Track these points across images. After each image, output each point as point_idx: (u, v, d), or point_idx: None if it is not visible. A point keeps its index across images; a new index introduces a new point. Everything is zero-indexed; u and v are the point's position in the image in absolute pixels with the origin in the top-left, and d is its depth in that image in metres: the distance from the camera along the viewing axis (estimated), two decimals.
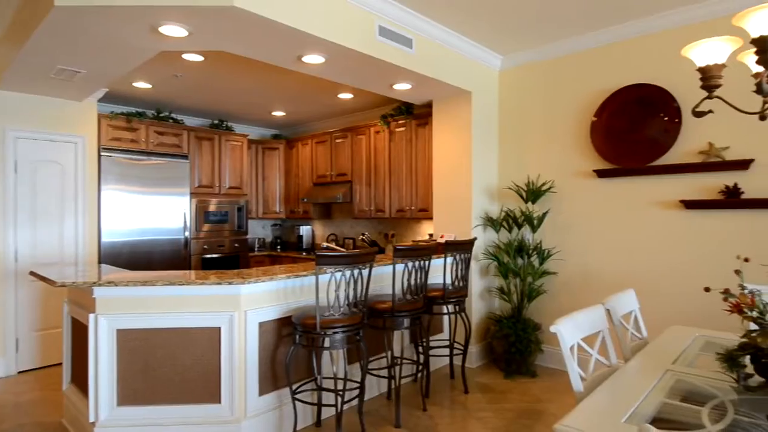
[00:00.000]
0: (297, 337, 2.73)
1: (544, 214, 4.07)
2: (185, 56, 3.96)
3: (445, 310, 3.60)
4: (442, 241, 4.00)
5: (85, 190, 4.59)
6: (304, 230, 6.54)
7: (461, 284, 3.58)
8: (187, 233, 5.42)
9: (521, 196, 4.11)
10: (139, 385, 2.64)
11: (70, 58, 3.22)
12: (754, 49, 1.47)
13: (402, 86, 3.99)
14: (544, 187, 4.10)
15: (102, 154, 4.78)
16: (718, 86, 1.66)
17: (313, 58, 3.23)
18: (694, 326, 2.92)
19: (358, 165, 5.60)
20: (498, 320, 4.05)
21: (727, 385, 1.64)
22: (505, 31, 3.77)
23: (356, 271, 2.70)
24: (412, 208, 4.99)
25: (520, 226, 4.12)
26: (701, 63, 1.67)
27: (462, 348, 3.73)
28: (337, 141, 5.88)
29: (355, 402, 3.22)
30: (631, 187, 3.68)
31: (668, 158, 3.47)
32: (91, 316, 2.59)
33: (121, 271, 3.03)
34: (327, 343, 2.64)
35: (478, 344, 4.23)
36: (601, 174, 3.78)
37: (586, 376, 1.83)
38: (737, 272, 1.68)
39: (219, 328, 2.69)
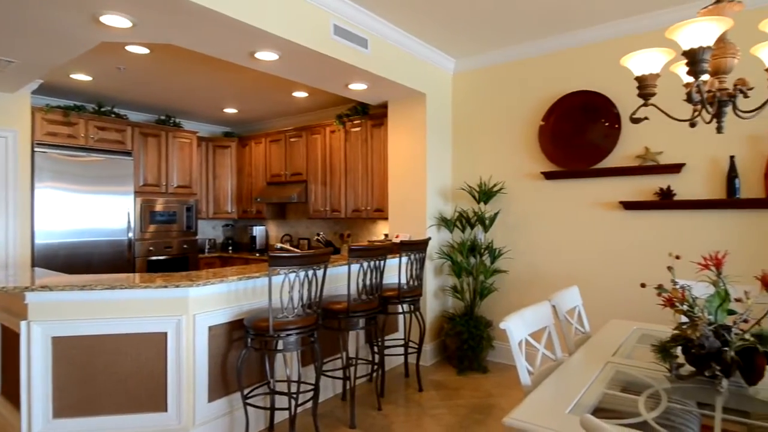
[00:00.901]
0: (249, 340, 2.66)
1: (496, 215, 4.19)
2: (129, 48, 3.77)
3: (400, 310, 3.63)
4: (398, 241, 4.03)
5: (16, 188, 4.27)
6: (258, 231, 6.39)
7: (416, 284, 3.62)
8: (131, 234, 5.16)
9: (474, 197, 4.21)
10: (77, 396, 2.49)
11: (2, 46, 2.99)
12: (685, 61, 1.58)
13: (357, 86, 3.99)
14: (495, 188, 4.22)
15: (36, 149, 4.46)
16: (653, 95, 1.77)
17: (267, 55, 3.16)
18: (632, 320, 3.10)
19: (314, 165, 5.54)
20: (451, 318, 4.13)
21: (662, 374, 1.75)
22: (457, 35, 3.85)
23: (311, 272, 2.67)
24: (368, 208, 4.99)
25: (472, 226, 4.22)
26: (638, 72, 1.78)
27: (416, 346, 3.77)
28: (292, 140, 5.79)
29: (309, 404, 3.18)
30: (575, 188, 3.86)
31: (609, 161, 3.67)
32: (23, 324, 2.41)
33: (56, 275, 2.84)
34: (280, 346, 2.59)
35: (432, 342, 4.29)
36: (548, 176, 3.94)
37: (534, 370, 1.90)
38: (669, 269, 1.80)
39: (165, 333, 2.58)
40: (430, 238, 3.87)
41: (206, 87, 4.93)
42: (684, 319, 1.72)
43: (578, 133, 3.79)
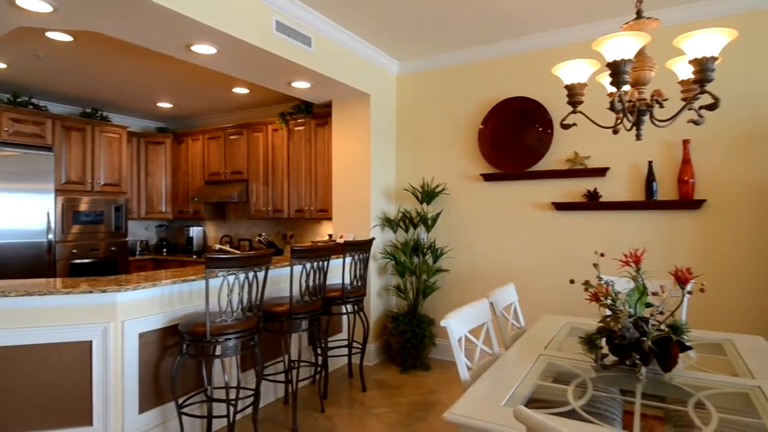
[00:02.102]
0: (184, 346, 2.54)
1: (438, 215, 4.28)
2: (50, 34, 3.48)
3: (344, 310, 3.61)
4: (341, 241, 4.01)
5: None
6: (195, 231, 6.12)
7: (360, 284, 3.62)
8: (51, 236, 4.76)
9: (417, 198, 4.28)
10: None
11: None
12: (609, 72, 1.69)
13: (300, 84, 3.93)
14: (437, 189, 4.32)
15: None
16: (580, 102, 1.89)
17: (204, 48, 3.03)
18: (563, 314, 3.29)
19: (255, 163, 5.39)
20: (395, 317, 4.17)
21: (588, 365, 1.87)
22: (401, 38, 3.90)
23: (251, 274, 2.59)
24: (312, 208, 4.93)
25: (415, 226, 4.29)
26: (567, 81, 1.89)
27: (360, 347, 3.77)
28: (232, 137, 5.60)
29: (249, 410, 3.08)
30: (512, 190, 4.03)
31: (542, 165, 3.86)
32: None
33: None
34: (218, 351, 2.49)
35: (376, 342, 4.31)
36: (486, 178, 4.09)
37: (473, 366, 1.96)
38: (595, 266, 1.92)
39: (90, 341, 2.40)
40: (374, 239, 3.88)
41: (137, 79, 4.66)
42: (608, 312, 1.85)
43: (515, 137, 3.96)
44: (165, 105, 5.69)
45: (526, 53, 3.94)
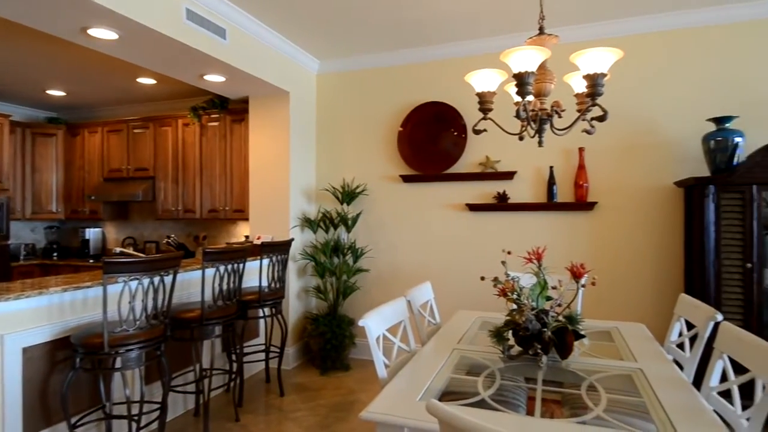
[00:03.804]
0: (78, 360, 2.29)
1: (358, 215, 4.30)
2: None
3: (261, 314, 3.49)
4: (259, 242, 3.88)
5: None
6: (92, 233, 5.57)
7: (278, 286, 3.52)
8: None
9: (337, 198, 4.27)
10: None
11: None
12: (515, 82, 1.81)
13: (214, 78, 3.74)
14: (357, 190, 4.34)
15: None
16: (490, 110, 2.00)
17: (103, 33, 2.77)
18: (476, 309, 3.47)
19: (163, 159, 5.04)
20: (315, 319, 4.12)
21: (497, 356, 1.99)
22: (320, 36, 3.86)
23: (156, 279, 2.41)
24: (227, 208, 4.71)
25: (336, 227, 4.28)
26: (478, 89, 1.99)
27: (278, 350, 3.68)
28: (136, 131, 5.18)
29: (155, 425, 2.87)
30: (429, 191, 4.16)
31: (457, 167, 4.04)
32: None
33: None
34: (118, 364, 2.29)
35: (294, 345, 4.23)
36: (405, 179, 4.19)
37: (390, 363, 2.00)
38: (503, 263, 2.05)
39: None
40: (293, 239, 3.81)
41: (23, 62, 4.14)
42: (514, 306, 1.98)
43: (432, 141, 4.10)
44: (57, 93, 5.12)
45: (442, 60, 4.10)
